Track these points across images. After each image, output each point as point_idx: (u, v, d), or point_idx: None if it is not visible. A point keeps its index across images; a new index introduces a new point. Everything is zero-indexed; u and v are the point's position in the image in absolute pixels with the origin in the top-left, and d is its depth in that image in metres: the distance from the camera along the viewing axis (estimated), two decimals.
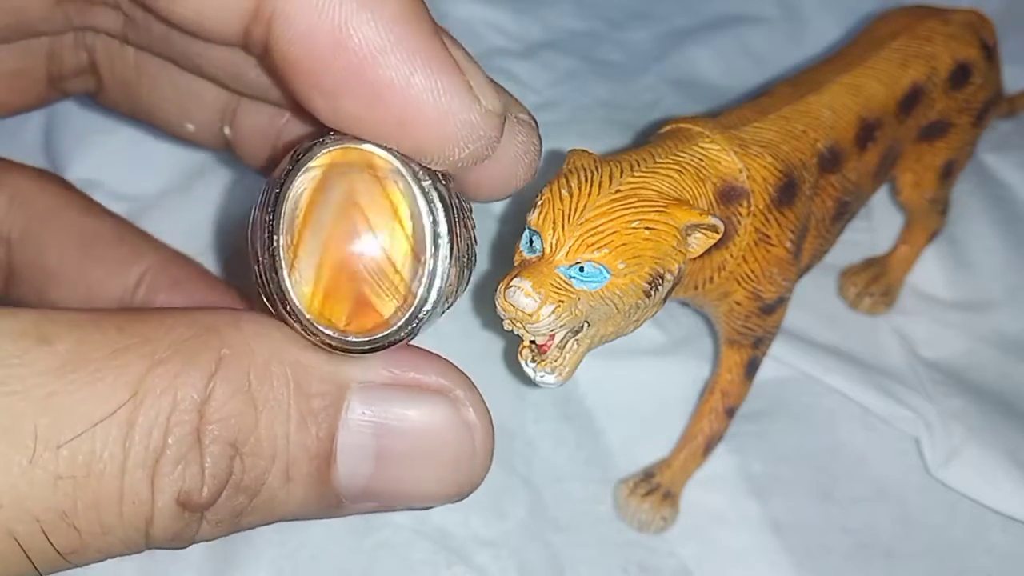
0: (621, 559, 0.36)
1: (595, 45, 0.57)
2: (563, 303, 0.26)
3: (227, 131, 0.32)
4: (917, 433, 0.39)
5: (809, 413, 0.41)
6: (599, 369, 0.40)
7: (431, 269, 0.22)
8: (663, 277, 0.28)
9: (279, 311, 0.22)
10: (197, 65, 0.28)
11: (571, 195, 0.27)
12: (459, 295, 0.24)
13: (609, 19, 0.59)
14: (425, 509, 0.25)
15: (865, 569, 0.36)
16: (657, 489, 0.36)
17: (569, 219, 0.27)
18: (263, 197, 0.22)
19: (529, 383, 0.29)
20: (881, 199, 0.46)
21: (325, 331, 0.22)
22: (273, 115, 0.31)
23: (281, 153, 0.31)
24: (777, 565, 0.36)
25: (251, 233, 0.23)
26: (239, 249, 0.43)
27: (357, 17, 0.21)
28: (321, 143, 0.22)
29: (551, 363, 0.28)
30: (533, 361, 0.28)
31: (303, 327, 0.22)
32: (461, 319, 0.41)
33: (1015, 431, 0.39)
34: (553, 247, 0.27)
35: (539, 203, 0.28)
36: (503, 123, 0.23)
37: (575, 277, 0.27)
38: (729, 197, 0.30)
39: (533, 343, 0.28)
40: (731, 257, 0.31)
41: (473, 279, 0.26)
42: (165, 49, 0.28)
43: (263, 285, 0.22)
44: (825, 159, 0.33)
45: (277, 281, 0.22)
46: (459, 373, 0.24)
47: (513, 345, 0.29)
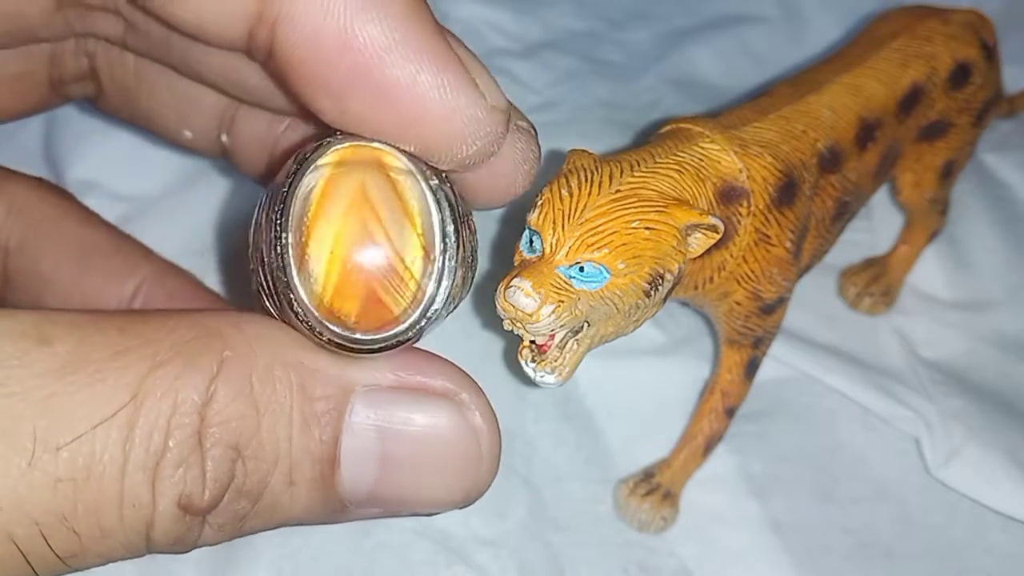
0: (621, 559, 0.36)
1: (595, 45, 0.57)
2: (563, 303, 0.26)
3: (224, 139, 0.32)
4: (917, 433, 0.39)
5: (809, 413, 0.41)
6: (599, 369, 0.40)
7: (440, 267, 0.22)
8: (663, 277, 0.28)
9: (285, 311, 0.22)
10: (197, 71, 0.28)
11: (571, 195, 0.27)
12: (463, 298, 0.24)
13: (609, 19, 0.59)
14: (431, 515, 0.25)
15: (865, 569, 0.36)
16: (657, 489, 0.36)
17: (569, 219, 0.27)
18: (269, 197, 0.22)
19: (529, 383, 0.29)
20: (881, 199, 0.46)
21: (333, 328, 0.21)
22: (271, 123, 0.31)
23: (279, 161, 0.31)
24: (777, 565, 0.36)
25: (254, 236, 0.23)
26: (239, 251, 0.43)
27: (362, 17, 0.21)
28: (330, 141, 0.22)
29: (551, 363, 0.28)
30: (533, 361, 0.28)
31: (310, 327, 0.22)
32: (461, 319, 0.41)
33: (1015, 431, 0.39)
34: (553, 247, 0.27)
35: (539, 203, 0.28)
36: (508, 119, 0.23)
37: (575, 277, 0.27)
38: (729, 197, 0.30)
39: (533, 343, 0.28)
40: (731, 257, 0.31)
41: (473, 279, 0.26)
42: (165, 55, 0.28)
43: (269, 286, 0.22)
44: (825, 159, 0.33)
45: (285, 280, 0.21)
46: (465, 377, 0.23)
47: (513, 345, 0.29)
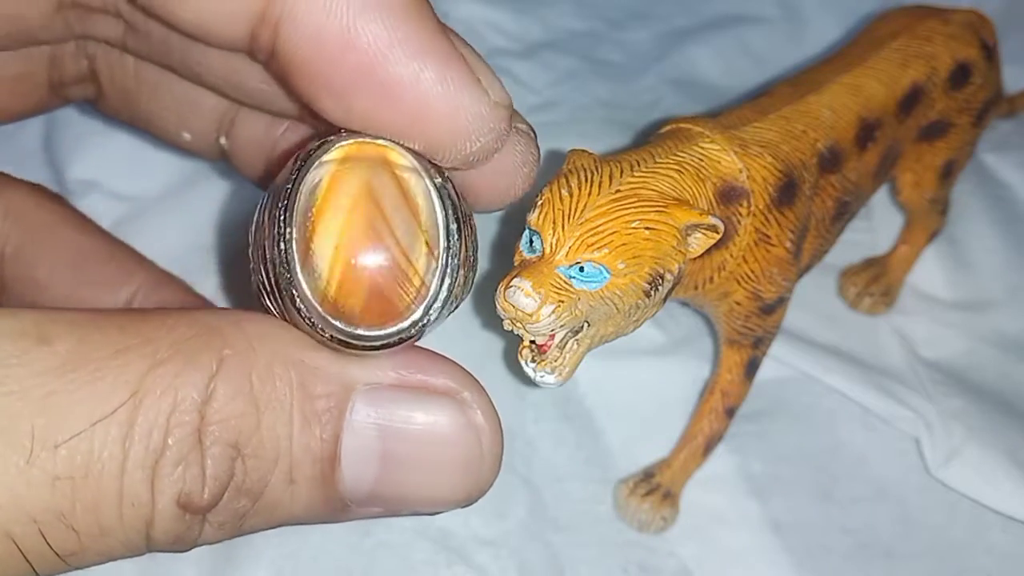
0: (621, 559, 0.36)
1: (595, 45, 0.57)
2: (563, 303, 0.26)
3: (223, 141, 0.32)
4: (917, 433, 0.39)
5: (809, 413, 0.41)
6: (599, 369, 0.40)
7: (444, 264, 0.22)
8: (663, 277, 0.28)
9: (287, 308, 0.22)
10: (197, 73, 0.28)
11: (571, 195, 0.27)
12: (463, 298, 0.24)
13: (609, 19, 0.59)
14: (433, 514, 0.25)
15: (865, 569, 0.36)
16: (657, 489, 0.36)
17: (569, 219, 0.27)
18: (273, 194, 0.22)
19: (529, 383, 0.29)
20: (881, 199, 0.46)
21: (336, 324, 0.21)
22: (269, 126, 0.31)
23: (278, 163, 0.31)
24: (777, 565, 0.36)
25: (256, 234, 0.23)
26: (240, 251, 0.43)
27: (365, 16, 0.21)
28: (336, 138, 0.22)
29: (551, 363, 0.28)
30: (533, 361, 0.28)
31: (312, 323, 0.21)
32: (461, 319, 0.41)
33: (1015, 431, 0.39)
34: (553, 247, 0.27)
35: (539, 203, 0.28)
36: (511, 115, 0.23)
37: (575, 277, 0.27)
38: (729, 197, 0.30)
39: (533, 343, 0.28)
40: (731, 257, 0.31)
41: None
42: (165, 57, 0.28)
43: (271, 283, 0.22)
44: (825, 159, 0.33)
45: (288, 275, 0.21)
46: (467, 375, 0.23)
47: (513, 345, 0.29)
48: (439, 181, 0.22)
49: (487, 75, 0.23)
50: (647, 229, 0.27)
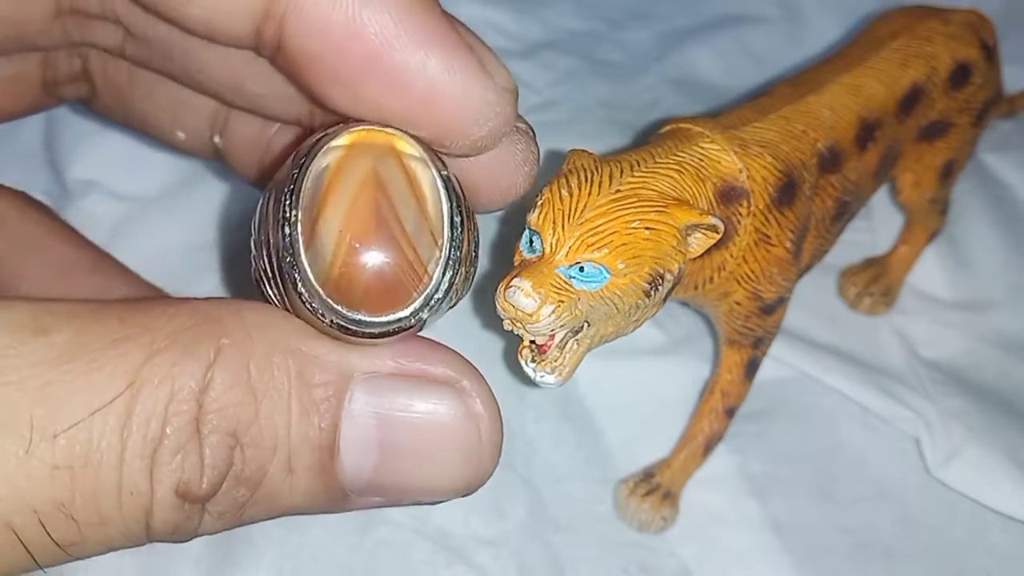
0: (621, 559, 0.36)
1: (595, 45, 0.57)
2: (563, 303, 0.26)
3: (217, 140, 0.32)
4: (917, 433, 0.39)
5: (809, 413, 0.41)
6: (599, 369, 0.40)
7: (447, 254, 0.22)
8: (663, 277, 0.28)
9: (288, 292, 0.22)
10: (196, 80, 0.28)
11: (571, 195, 0.27)
12: (463, 295, 0.24)
13: (609, 19, 0.59)
14: (434, 503, 0.25)
15: (865, 569, 0.36)
16: (657, 489, 0.36)
17: (569, 219, 0.27)
18: (278, 182, 0.22)
19: (529, 383, 0.29)
20: (881, 199, 0.46)
21: (337, 308, 0.21)
22: (264, 125, 0.31)
23: (276, 160, 0.31)
24: (777, 565, 0.36)
25: (259, 224, 0.23)
26: (241, 248, 0.43)
27: (370, 6, 0.21)
28: (343, 126, 0.22)
29: (551, 363, 0.28)
30: (533, 361, 0.28)
31: (312, 308, 0.21)
32: (460, 319, 0.41)
33: (1015, 431, 0.39)
34: (553, 247, 0.27)
35: (539, 203, 0.28)
36: (516, 99, 0.23)
37: (575, 277, 0.27)
38: (729, 197, 0.30)
39: (533, 343, 0.28)
40: (731, 257, 0.31)
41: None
42: (164, 64, 0.28)
43: (273, 269, 0.22)
44: (825, 159, 0.33)
45: (291, 259, 0.21)
46: (466, 364, 0.23)
47: (513, 345, 0.29)
48: (445, 173, 0.22)
49: (492, 61, 0.23)
50: (647, 229, 0.27)
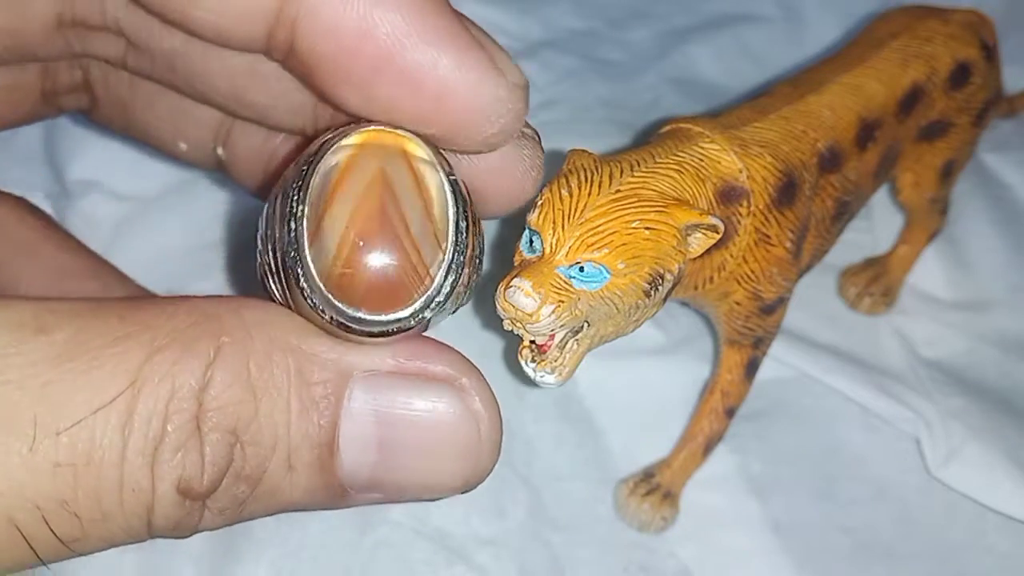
0: (621, 559, 0.36)
1: (595, 44, 0.57)
2: (563, 303, 0.26)
3: (220, 151, 0.32)
4: (917, 433, 0.39)
5: (809, 413, 0.41)
6: (599, 369, 0.40)
7: (451, 257, 0.22)
8: (663, 277, 0.28)
9: (291, 288, 0.22)
10: (201, 91, 0.28)
11: (571, 195, 0.27)
12: (466, 300, 0.24)
13: (609, 18, 0.59)
14: (434, 500, 0.25)
15: (865, 569, 0.36)
16: (657, 489, 0.36)
17: (569, 219, 0.27)
18: (286, 180, 0.22)
19: (529, 383, 0.29)
20: (881, 199, 0.46)
21: (338, 305, 0.21)
22: (267, 135, 0.31)
23: (279, 169, 0.31)
24: (777, 565, 0.36)
25: (266, 222, 0.23)
26: (240, 250, 0.43)
27: (381, 7, 0.22)
28: (354, 125, 0.22)
29: (551, 363, 0.28)
30: (533, 361, 0.28)
31: (314, 304, 0.21)
32: (461, 319, 0.41)
33: (1015, 431, 0.39)
34: (553, 247, 0.27)
35: (539, 203, 0.28)
36: (527, 95, 0.23)
37: (575, 277, 0.27)
38: (729, 197, 0.30)
39: (533, 343, 0.28)
40: (731, 257, 0.31)
41: None
42: (167, 75, 0.28)
43: (277, 264, 0.22)
44: (825, 159, 0.33)
45: (295, 254, 0.21)
46: (466, 362, 0.23)
47: (513, 345, 0.29)
48: (453, 177, 0.22)
49: (503, 58, 0.23)
50: (647, 229, 0.27)
